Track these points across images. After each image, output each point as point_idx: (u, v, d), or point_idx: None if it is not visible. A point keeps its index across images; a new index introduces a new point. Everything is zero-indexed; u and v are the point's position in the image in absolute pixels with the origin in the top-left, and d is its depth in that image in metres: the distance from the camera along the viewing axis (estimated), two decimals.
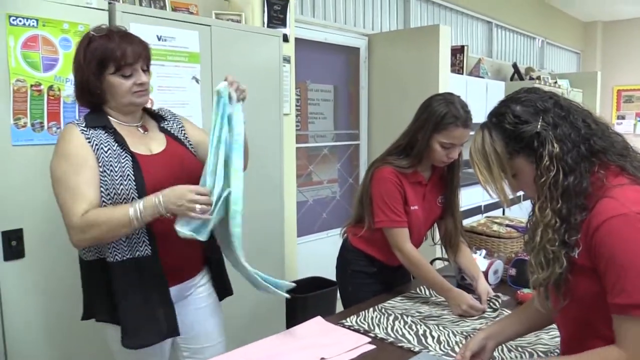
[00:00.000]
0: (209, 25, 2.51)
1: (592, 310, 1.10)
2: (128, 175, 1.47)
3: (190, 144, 1.69)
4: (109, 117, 1.54)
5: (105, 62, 1.46)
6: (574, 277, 1.09)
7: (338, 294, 3.42)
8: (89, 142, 1.47)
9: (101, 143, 1.48)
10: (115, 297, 1.48)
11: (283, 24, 3.21)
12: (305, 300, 3.25)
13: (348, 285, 2.15)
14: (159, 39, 2.29)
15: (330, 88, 4.34)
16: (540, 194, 1.09)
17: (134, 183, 1.47)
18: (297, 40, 3.42)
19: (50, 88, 2.00)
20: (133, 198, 1.46)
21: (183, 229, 1.45)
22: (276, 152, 2.90)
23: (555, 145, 1.06)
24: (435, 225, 2.20)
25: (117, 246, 1.47)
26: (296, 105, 3.69)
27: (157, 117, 1.68)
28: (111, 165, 1.46)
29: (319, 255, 4.10)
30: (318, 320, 1.74)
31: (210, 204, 1.44)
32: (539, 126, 1.09)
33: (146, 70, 1.54)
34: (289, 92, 3.21)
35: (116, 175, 1.45)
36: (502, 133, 1.13)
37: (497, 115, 1.16)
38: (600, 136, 1.10)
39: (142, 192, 1.47)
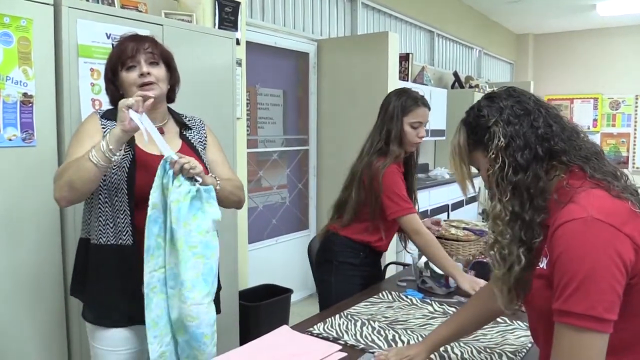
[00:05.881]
0: (161, 25, 2.41)
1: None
2: (123, 167, 1.53)
3: (204, 159, 1.73)
4: None
5: (115, 65, 1.58)
6: (543, 289, 1.05)
7: (291, 302, 3.41)
8: (103, 128, 1.57)
9: None
10: (88, 276, 1.57)
11: (234, 26, 3.14)
12: (258, 309, 3.18)
13: (331, 276, 2.25)
14: (108, 37, 2.16)
15: (279, 93, 4.30)
16: (491, 186, 1.12)
17: (126, 175, 1.53)
18: (247, 43, 3.36)
19: None
20: (122, 189, 1.53)
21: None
22: (229, 156, 2.79)
23: (502, 139, 1.08)
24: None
25: (104, 231, 1.55)
26: (246, 110, 3.62)
27: (182, 124, 1.74)
28: None
29: (269, 262, 4.03)
30: (285, 329, 1.69)
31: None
32: (492, 121, 1.11)
33: (155, 63, 1.60)
34: (240, 96, 3.14)
35: (113, 165, 1.50)
36: (466, 126, 1.18)
37: (468, 109, 1.20)
38: (563, 138, 1.09)
39: (131, 185, 1.53)
